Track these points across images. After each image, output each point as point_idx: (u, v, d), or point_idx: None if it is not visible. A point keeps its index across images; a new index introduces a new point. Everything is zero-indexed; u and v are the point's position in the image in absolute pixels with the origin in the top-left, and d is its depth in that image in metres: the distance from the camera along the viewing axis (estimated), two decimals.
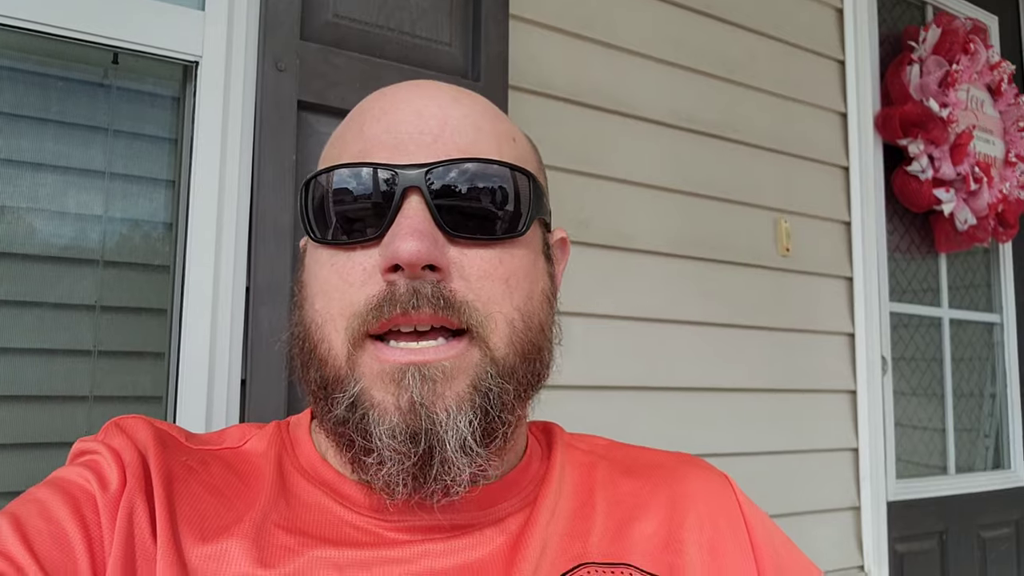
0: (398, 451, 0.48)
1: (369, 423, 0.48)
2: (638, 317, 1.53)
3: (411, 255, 0.47)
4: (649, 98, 1.58)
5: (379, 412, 0.48)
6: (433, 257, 0.48)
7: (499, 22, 1.29)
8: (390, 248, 0.48)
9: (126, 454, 0.52)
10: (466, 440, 0.48)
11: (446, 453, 0.48)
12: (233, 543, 0.49)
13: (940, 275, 2.40)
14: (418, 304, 0.48)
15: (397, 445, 0.48)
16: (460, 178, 0.51)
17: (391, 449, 0.48)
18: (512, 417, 0.52)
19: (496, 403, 0.50)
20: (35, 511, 0.47)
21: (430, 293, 0.48)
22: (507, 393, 0.51)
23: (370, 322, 0.49)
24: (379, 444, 0.48)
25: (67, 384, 1.02)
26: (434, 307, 0.48)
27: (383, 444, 0.48)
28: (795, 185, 1.82)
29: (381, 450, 0.48)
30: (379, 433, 0.48)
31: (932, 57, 2.16)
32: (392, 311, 0.48)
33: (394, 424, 0.48)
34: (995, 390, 2.51)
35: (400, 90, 0.56)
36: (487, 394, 0.50)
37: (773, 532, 0.64)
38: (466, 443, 0.48)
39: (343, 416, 0.50)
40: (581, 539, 0.55)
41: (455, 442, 0.48)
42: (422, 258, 0.48)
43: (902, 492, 2.05)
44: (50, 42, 1.00)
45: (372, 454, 0.49)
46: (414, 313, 0.48)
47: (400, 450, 0.48)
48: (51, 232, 1.02)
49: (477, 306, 0.50)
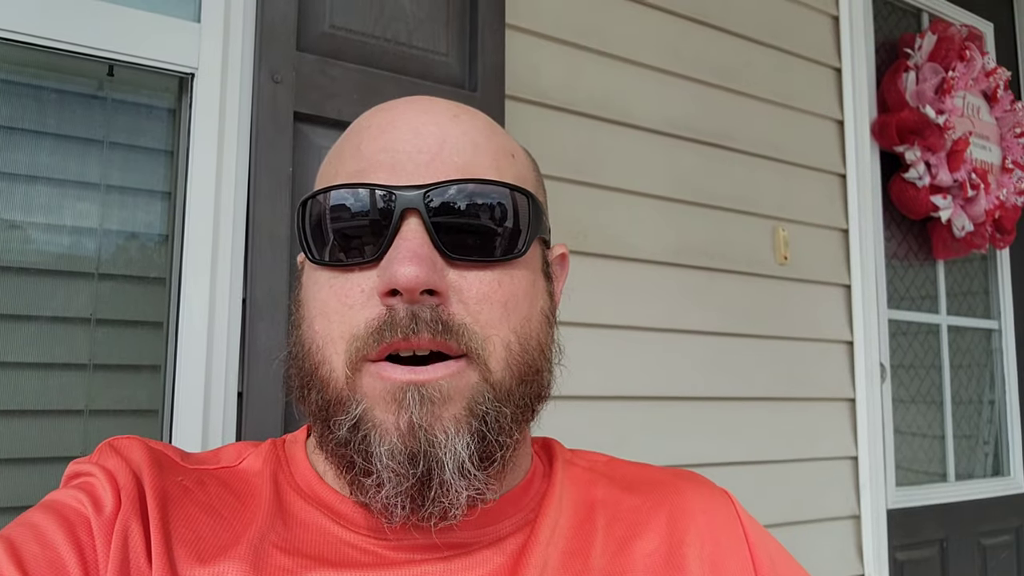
0: (397, 472, 0.47)
1: (370, 443, 0.48)
2: (636, 327, 1.52)
3: (409, 281, 0.47)
4: (646, 107, 1.58)
5: (380, 433, 0.48)
6: (432, 282, 0.48)
7: (495, 32, 1.29)
8: (388, 272, 0.48)
9: (121, 476, 0.51)
10: (464, 463, 0.48)
11: (444, 475, 0.47)
12: (230, 565, 0.49)
13: (938, 282, 2.40)
14: (417, 329, 0.48)
15: (396, 466, 0.47)
16: (458, 199, 0.50)
17: (390, 470, 0.47)
18: (510, 440, 0.51)
19: (493, 427, 0.49)
20: (30, 535, 0.47)
21: (429, 318, 0.48)
22: (504, 416, 0.50)
23: (370, 346, 0.48)
24: (379, 465, 0.47)
25: (63, 398, 1.01)
26: (432, 332, 0.48)
27: (383, 465, 0.47)
28: (793, 193, 1.82)
29: (380, 472, 0.48)
30: (379, 454, 0.47)
31: (928, 64, 2.17)
32: (393, 336, 0.48)
33: (394, 445, 0.47)
34: (994, 396, 2.51)
35: (398, 107, 0.56)
36: (484, 417, 0.49)
37: (774, 549, 0.63)
38: (464, 466, 0.48)
39: (345, 437, 0.49)
40: (582, 557, 0.55)
41: (453, 464, 0.47)
42: (420, 283, 0.47)
43: (902, 500, 2.04)
44: (45, 55, 1.00)
45: (371, 476, 0.48)
46: (414, 338, 0.48)
47: (399, 471, 0.47)
48: (46, 245, 1.01)
49: (475, 329, 0.49)
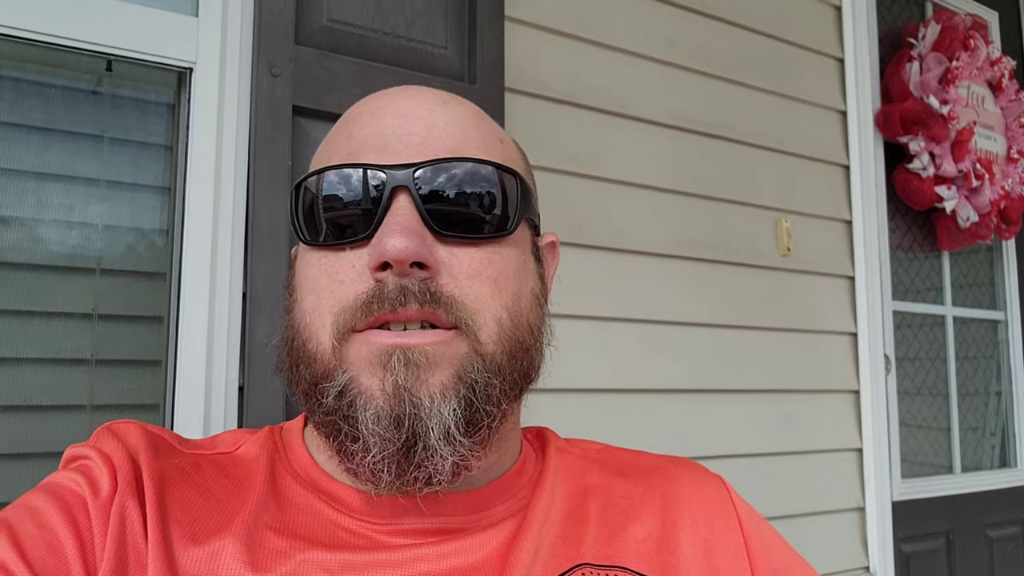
0: (383, 437, 0.48)
1: (356, 409, 0.49)
2: (637, 319, 1.52)
3: (399, 252, 0.47)
4: (646, 98, 1.58)
5: (365, 398, 0.49)
6: (421, 254, 0.48)
7: (494, 24, 1.29)
8: (378, 246, 0.49)
9: (117, 458, 0.52)
10: (449, 428, 0.48)
11: (429, 440, 0.48)
12: (224, 546, 0.49)
13: (943, 273, 2.38)
14: (405, 300, 0.48)
15: (381, 431, 0.48)
16: (447, 177, 0.51)
17: (376, 435, 0.48)
18: (497, 410, 0.52)
19: (481, 395, 0.50)
20: (27, 517, 0.47)
21: (417, 290, 0.49)
22: (492, 387, 0.51)
23: (358, 318, 0.49)
24: (365, 430, 0.48)
25: (65, 393, 1.01)
26: (420, 303, 0.48)
27: (368, 430, 0.48)
28: (795, 184, 1.81)
29: (366, 436, 0.48)
30: (365, 419, 0.48)
31: (932, 54, 2.16)
32: (380, 308, 0.49)
33: (379, 408, 0.48)
34: (1000, 388, 2.50)
35: (388, 94, 0.57)
36: (472, 385, 0.50)
37: (769, 534, 0.63)
38: (449, 431, 0.48)
39: (332, 405, 0.50)
40: (575, 543, 0.55)
41: (439, 429, 0.48)
42: (410, 254, 0.48)
43: (907, 492, 2.03)
44: (43, 50, 1.00)
45: (358, 441, 0.49)
46: (401, 310, 0.48)
47: (384, 436, 0.48)
48: (46, 241, 1.02)
49: (466, 303, 0.50)
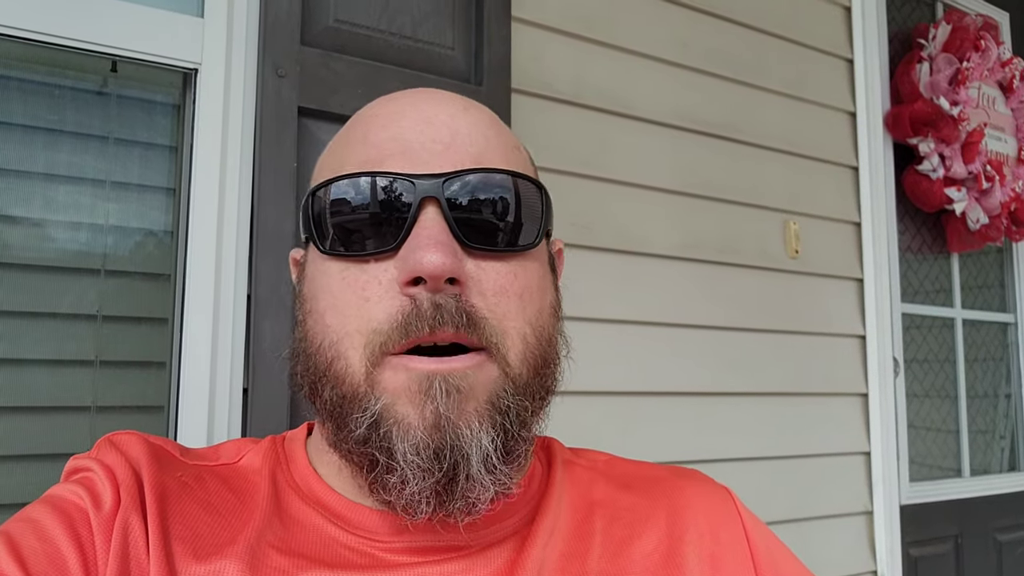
0: (422, 468, 0.46)
1: (392, 440, 0.46)
2: (645, 321, 1.51)
3: (435, 268, 0.46)
4: (654, 99, 1.56)
5: (403, 428, 0.47)
6: (455, 270, 0.47)
7: (501, 25, 1.28)
8: (411, 260, 0.47)
9: (120, 471, 0.51)
10: (489, 456, 0.47)
11: (471, 470, 0.46)
12: (227, 564, 0.48)
13: (952, 275, 2.37)
14: (443, 321, 0.47)
15: (421, 462, 0.46)
16: (477, 188, 0.49)
17: (415, 467, 0.46)
18: (529, 434, 0.51)
19: (515, 421, 0.49)
20: (29, 530, 0.46)
21: (453, 310, 0.47)
22: (525, 410, 0.50)
23: (394, 340, 0.47)
24: (404, 462, 0.46)
25: (70, 394, 1.01)
26: (456, 325, 0.47)
27: (407, 462, 0.46)
28: (804, 186, 1.80)
29: (404, 469, 0.46)
30: (403, 450, 0.46)
31: (942, 55, 2.14)
32: (420, 330, 0.47)
33: (419, 440, 0.46)
34: (1010, 390, 2.48)
35: (405, 96, 0.55)
36: (506, 412, 0.48)
37: (775, 546, 0.63)
38: (488, 460, 0.47)
39: (364, 435, 0.47)
40: (580, 559, 0.54)
41: (479, 458, 0.47)
42: (446, 271, 0.46)
43: (916, 495, 2.02)
44: (49, 51, 1.00)
45: (395, 473, 0.47)
46: (439, 331, 0.47)
47: (424, 467, 0.46)
48: (50, 241, 1.01)
49: (494, 323, 0.49)
